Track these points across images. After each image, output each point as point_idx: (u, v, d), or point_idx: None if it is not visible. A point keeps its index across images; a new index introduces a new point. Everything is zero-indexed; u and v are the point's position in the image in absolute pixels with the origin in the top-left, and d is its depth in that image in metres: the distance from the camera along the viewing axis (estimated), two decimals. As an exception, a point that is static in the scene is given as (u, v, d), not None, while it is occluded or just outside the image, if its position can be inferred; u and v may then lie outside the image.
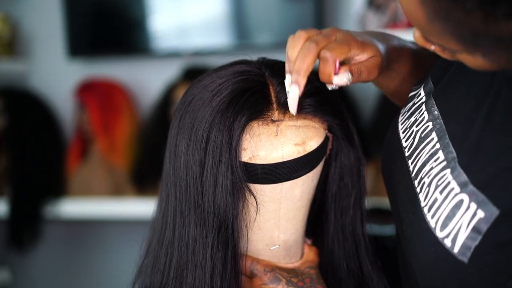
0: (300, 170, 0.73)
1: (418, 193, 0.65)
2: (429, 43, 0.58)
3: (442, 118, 0.66)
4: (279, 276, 0.76)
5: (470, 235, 0.57)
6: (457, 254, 0.58)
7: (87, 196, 2.19)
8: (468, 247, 0.57)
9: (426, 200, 0.63)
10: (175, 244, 0.74)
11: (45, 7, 2.35)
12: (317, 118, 0.74)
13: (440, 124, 0.66)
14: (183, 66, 2.12)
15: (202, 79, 0.76)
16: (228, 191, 0.70)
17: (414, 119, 0.72)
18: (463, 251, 0.58)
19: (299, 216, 0.78)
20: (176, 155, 0.73)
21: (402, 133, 0.74)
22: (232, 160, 0.69)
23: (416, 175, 0.67)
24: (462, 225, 0.58)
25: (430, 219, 0.62)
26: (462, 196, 0.59)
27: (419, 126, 0.70)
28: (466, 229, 0.57)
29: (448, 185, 0.61)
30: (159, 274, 0.75)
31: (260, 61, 0.77)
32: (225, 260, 0.71)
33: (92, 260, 2.41)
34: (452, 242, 0.59)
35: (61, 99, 2.35)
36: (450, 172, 0.61)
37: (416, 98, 0.74)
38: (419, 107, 0.72)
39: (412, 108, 0.74)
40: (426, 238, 0.62)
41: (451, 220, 0.59)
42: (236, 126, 0.69)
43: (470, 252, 0.57)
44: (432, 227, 0.61)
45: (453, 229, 0.59)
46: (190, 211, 0.72)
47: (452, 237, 0.59)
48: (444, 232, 0.60)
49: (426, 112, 0.70)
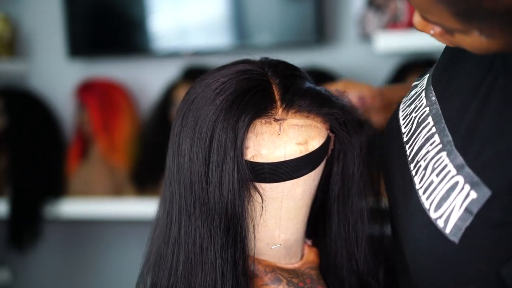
0: (302, 169, 0.73)
1: (414, 176, 0.66)
2: (428, 26, 0.58)
3: (439, 103, 0.67)
4: (279, 277, 0.76)
5: (462, 215, 0.58)
6: (449, 235, 0.59)
7: (87, 196, 2.19)
8: (460, 228, 0.58)
9: (421, 183, 0.64)
10: (181, 242, 0.74)
11: (45, 7, 2.35)
12: (320, 118, 0.74)
13: (436, 109, 0.67)
14: (183, 66, 2.12)
15: (204, 78, 0.76)
16: (234, 189, 0.70)
17: (414, 106, 0.73)
18: (455, 231, 0.58)
19: (300, 216, 0.78)
20: (180, 154, 0.73)
21: (402, 120, 0.75)
22: (238, 159, 0.69)
23: (412, 159, 0.68)
24: (456, 206, 0.59)
25: (425, 201, 0.62)
26: (458, 178, 0.59)
27: (417, 112, 0.71)
28: (459, 210, 0.58)
29: (445, 168, 0.61)
30: (166, 273, 0.75)
31: (263, 60, 0.77)
32: (235, 258, 0.71)
33: (92, 260, 2.41)
34: (445, 222, 0.59)
35: (61, 99, 2.35)
36: (446, 155, 0.62)
37: (419, 87, 0.76)
38: (419, 95, 0.73)
39: (413, 96, 0.75)
40: (420, 219, 0.63)
41: (445, 201, 0.60)
42: (241, 125, 0.69)
43: (461, 233, 0.58)
44: (426, 208, 0.62)
45: (447, 210, 0.59)
46: (196, 209, 0.72)
47: (445, 217, 0.59)
48: (437, 213, 0.60)
49: (424, 99, 0.71)
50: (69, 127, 2.33)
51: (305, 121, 0.73)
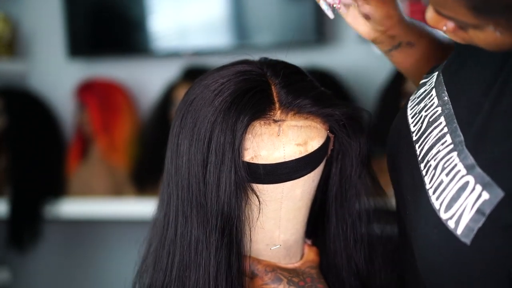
0: (301, 170, 0.73)
1: (424, 176, 0.66)
2: (442, 21, 0.58)
3: (451, 103, 0.67)
4: (280, 276, 0.76)
5: (474, 217, 0.57)
6: (460, 236, 0.58)
7: (87, 196, 2.19)
8: (472, 229, 0.57)
9: (431, 182, 0.63)
10: (177, 243, 0.74)
11: (45, 7, 2.35)
12: (319, 119, 0.74)
13: (449, 109, 0.66)
14: (183, 66, 2.12)
15: (203, 78, 0.76)
16: (231, 191, 0.70)
17: (423, 104, 0.72)
18: (467, 232, 0.58)
19: (299, 216, 0.78)
20: (178, 155, 0.73)
21: (411, 118, 0.74)
22: (235, 160, 0.69)
23: (422, 159, 0.67)
24: (467, 206, 0.58)
25: (434, 201, 0.62)
26: (468, 178, 0.59)
27: (428, 111, 0.70)
28: (470, 210, 0.58)
29: (454, 167, 0.61)
30: (161, 274, 0.75)
31: (262, 61, 0.77)
32: (229, 259, 0.71)
33: (92, 260, 2.41)
34: (456, 223, 0.59)
35: (61, 99, 2.35)
36: (457, 155, 0.61)
37: (428, 85, 0.75)
38: (429, 93, 0.73)
39: (422, 94, 0.75)
40: (430, 219, 0.62)
41: (456, 201, 0.59)
42: (239, 126, 0.69)
43: (473, 234, 0.57)
44: (436, 208, 0.61)
45: (458, 210, 0.59)
46: (193, 211, 0.72)
47: (456, 218, 0.59)
48: (448, 213, 0.60)
49: (436, 98, 0.70)
50: (69, 127, 2.33)
51: (304, 122, 0.72)
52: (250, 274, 0.76)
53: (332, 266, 0.81)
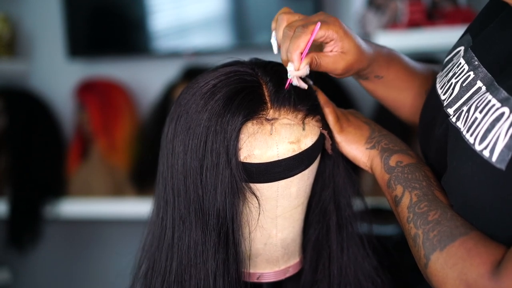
0: (295, 168, 0.73)
1: (458, 125, 0.66)
2: None
3: (483, 66, 0.67)
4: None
5: (509, 142, 0.58)
6: (495, 163, 0.59)
7: (87, 196, 2.19)
8: (507, 154, 0.58)
9: (465, 125, 0.64)
10: (175, 247, 0.74)
11: (45, 7, 2.35)
12: (311, 116, 0.74)
13: (483, 72, 0.67)
14: (183, 66, 2.12)
15: (195, 81, 0.76)
16: (228, 192, 0.70)
17: (452, 73, 0.73)
18: (502, 158, 0.58)
19: (295, 215, 0.78)
20: (174, 159, 0.73)
21: (440, 89, 0.75)
22: (230, 161, 0.69)
23: (456, 114, 0.68)
24: (501, 133, 0.59)
25: (469, 138, 0.63)
26: (503, 109, 0.60)
27: (458, 77, 0.71)
28: (505, 137, 0.58)
29: (488, 103, 0.62)
30: (160, 278, 0.75)
31: (253, 61, 0.77)
32: (227, 261, 0.71)
33: (92, 260, 2.41)
34: (491, 152, 0.59)
35: (61, 99, 2.35)
36: (489, 94, 0.62)
37: (455, 58, 0.76)
38: (456, 62, 0.73)
39: (449, 67, 0.76)
40: (464, 154, 0.63)
41: (490, 132, 0.60)
42: (232, 127, 0.69)
43: (508, 159, 0.58)
44: (471, 143, 0.62)
45: (492, 139, 0.60)
46: (190, 215, 0.72)
47: (491, 147, 0.59)
48: (482, 144, 0.60)
49: (466, 65, 0.71)
50: (69, 127, 2.33)
51: (296, 119, 0.73)
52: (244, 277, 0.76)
53: (326, 275, 0.82)
